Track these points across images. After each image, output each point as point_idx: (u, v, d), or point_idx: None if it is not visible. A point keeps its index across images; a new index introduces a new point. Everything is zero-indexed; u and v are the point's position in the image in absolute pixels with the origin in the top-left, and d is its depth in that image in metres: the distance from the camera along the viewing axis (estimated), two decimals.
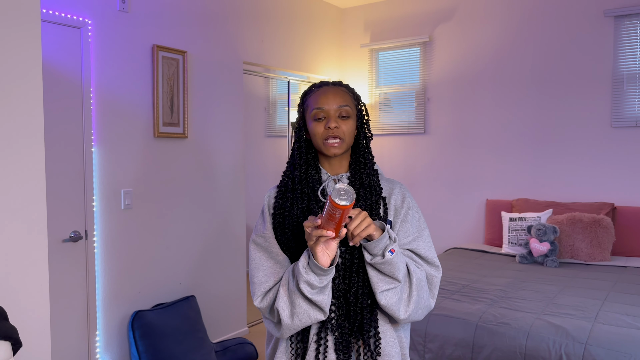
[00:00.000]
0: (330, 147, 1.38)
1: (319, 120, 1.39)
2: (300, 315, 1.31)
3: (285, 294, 1.32)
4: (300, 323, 1.32)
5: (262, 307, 1.38)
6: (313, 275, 1.27)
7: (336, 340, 1.35)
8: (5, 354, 1.55)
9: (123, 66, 3.26)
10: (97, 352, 3.18)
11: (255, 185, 6.12)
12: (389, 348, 1.39)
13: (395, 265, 1.30)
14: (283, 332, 1.35)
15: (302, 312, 1.30)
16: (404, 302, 1.34)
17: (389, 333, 1.40)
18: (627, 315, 2.56)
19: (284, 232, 1.40)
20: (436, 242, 4.84)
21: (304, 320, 1.32)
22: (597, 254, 3.75)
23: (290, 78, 4.78)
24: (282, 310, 1.32)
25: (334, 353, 1.35)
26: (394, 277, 1.31)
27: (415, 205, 1.48)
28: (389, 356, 1.38)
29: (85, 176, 3.07)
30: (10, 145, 1.86)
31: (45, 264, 1.97)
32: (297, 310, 1.30)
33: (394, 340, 1.41)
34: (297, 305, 1.30)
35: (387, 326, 1.41)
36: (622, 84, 4.00)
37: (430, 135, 4.88)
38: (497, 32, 4.52)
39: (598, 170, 4.13)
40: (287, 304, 1.31)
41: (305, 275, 1.27)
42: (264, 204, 1.46)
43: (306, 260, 1.28)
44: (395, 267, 1.30)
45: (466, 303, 2.81)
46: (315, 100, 1.40)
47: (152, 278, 3.46)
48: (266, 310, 1.38)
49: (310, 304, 1.30)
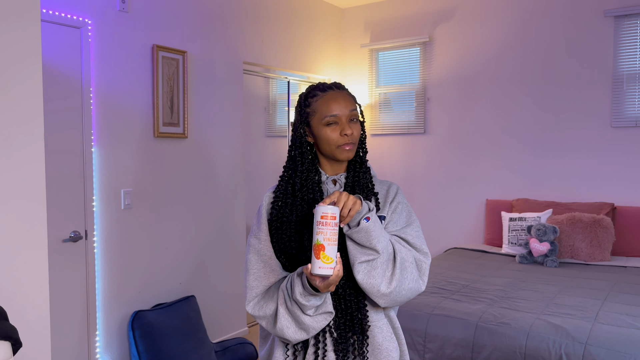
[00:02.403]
0: (345, 152, 1.39)
1: (331, 125, 1.38)
2: (308, 330, 1.33)
3: (286, 313, 1.33)
4: (309, 334, 1.34)
5: (253, 315, 1.39)
6: (313, 298, 1.29)
7: (335, 341, 1.35)
8: (5, 354, 1.55)
9: (123, 66, 3.26)
10: (97, 352, 3.18)
11: (255, 185, 6.12)
12: (387, 343, 1.39)
13: (372, 233, 1.29)
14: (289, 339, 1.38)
15: (308, 326, 1.32)
16: (386, 279, 1.32)
17: (386, 328, 1.40)
18: (627, 315, 2.56)
19: (281, 238, 1.38)
20: (436, 242, 4.84)
21: (312, 332, 1.33)
22: (597, 254, 3.75)
23: (290, 78, 4.78)
24: (286, 328, 1.33)
25: (333, 354, 1.35)
26: (372, 247, 1.29)
27: (406, 202, 1.48)
28: (387, 350, 1.38)
29: (85, 176, 3.07)
30: (10, 145, 1.86)
31: (45, 264, 1.97)
32: (304, 326, 1.32)
33: (391, 335, 1.41)
34: (302, 322, 1.32)
35: (384, 321, 1.41)
36: (622, 84, 4.00)
37: (430, 135, 4.87)
38: (497, 32, 4.52)
39: (598, 170, 4.13)
40: (291, 322, 1.33)
41: (307, 304, 1.29)
42: (262, 204, 1.45)
43: (301, 288, 1.29)
44: (371, 236, 1.29)
45: (466, 303, 2.81)
46: (326, 106, 1.38)
47: (152, 278, 3.46)
48: (260, 319, 1.39)
49: (317, 316, 1.32)
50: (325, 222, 1.21)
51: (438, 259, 3.94)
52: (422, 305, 2.82)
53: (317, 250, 1.21)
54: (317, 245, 1.21)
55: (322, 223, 1.21)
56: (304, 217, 1.38)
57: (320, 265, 1.21)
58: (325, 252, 1.21)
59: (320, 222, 1.21)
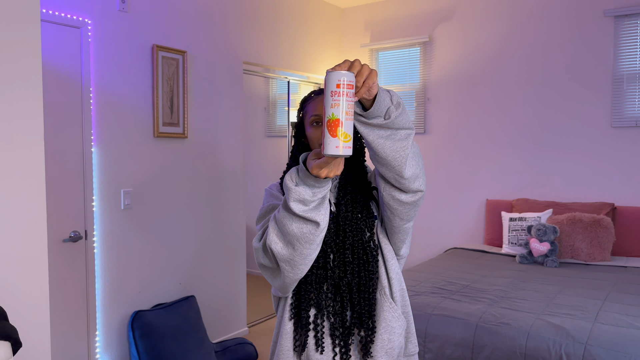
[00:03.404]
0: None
1: (316, 125, 1.41)
2: (293, 242, 1.18)
3: (275, 226, 1.22)
4: (295, 252, 1.20)
5: (257, 247, 1.29)
6: (304, 187, 1.14)
7: (332, 326, 1.35)
8: (5, 354, 1.55)
9: (123, 66, 3.26)
10: (97, 352, 3.18)
11: (255, 185, 6.12)
12: (396, 338, 1.38)
13: (404, 118, 1.14)
14: (284, 276, 1.25)
15: (295, 237, 1.17)
16: (412, 157, 1.20)
17: (395, 322, 1.39)
18: (627, 315, 2.56)
19: None
20: (436, 242, 4.84)
21: (298, 247, 1.19)
22: (597, 254, 3.75)
23: (290, 78, 4.78)
24: (274, 243, 1.20)
25: (329, 338, 1.36)
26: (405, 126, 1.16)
27: None
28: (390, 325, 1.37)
29: (85, 176, 3.07)
30: (10, 145, 1.86)
31: (45, 264, 1.97)
32: (290, 238, 1.18)
33: (401, 331, 1.40)
34: (289, 233, 1.18)
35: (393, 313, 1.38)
36: (622, 84, 4.00)
37: (430, 135, 4.88)
38: (497, 32, 4.52)
39: (598, 170, 4.13)
40: (278, 235, 1.21)
41: (295, 189, 1.13)
42: (267, 192, 1.45)
43: (295, 172, 1.16)
44: (404, 119, 1.14)
45: (466, 303, 2.81)
46: (313, 106, 1.42)
47: (151, 278, 3.46)
48: (260, 252, 1.28)
49: (304, 222, 1.16)
50: (342, 91, 1.00)
51: (438, 259, 3.94)
52: (422, 305, 2.82)
53: (333, 127, 1.00)
54: (332, 121, 1.01)
55: (338, 93, 1.00)
56: None
57: (338, 144, 1.01)
58: (342, 129, 1.01)
59: (336, 91, 1.00)
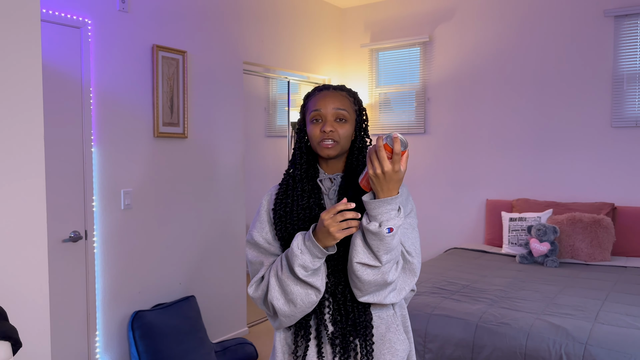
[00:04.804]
0: (324, 148, 1.39)
1: (316, 122, 1.41)
2: (295, 301, 1.32)
3: (276, 284, 1.34)
4: (296, 309, 1.33)
5: (254, 297, 1.41)
6: (308, 256, 1.28)
7: (332, 334, 1.37)
8: (5, 354, 1.55)
9: (123, 66, 3.26)
10: (97, 352, 3.18)
11: (255, 185, 6.12)
12: (391, 334, 1.41)
13: (387, 245, 1.25)
14: (281, 322, 1.38)
15: (296, 297, 1.31)
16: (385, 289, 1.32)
17: (390, 319, 1.41)
18: (627, 315, 2.56)
19: (285, 227, 1.41)
20: (436, 242, 4.84)
21: (299, 305, 1.32)
22: (597, 254, 3.75)
23: (290, 78, 4.78)
24: (276, 300, 1.33)
25: (329, 347, 1.37)
26: (378, 256, 1.27)
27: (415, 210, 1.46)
28: (390, 342, 1.39)
29: (85, 176, 3.07)
30: (10, 145, 1.86)
31: (45, 264, 1.97)
32: (292, 297, 1.32)
33: (398, 327, 1.42)
34: (290, 292, 1.31)
35: (390, 312, 1.42)
36: (622, 84, 4.00)
37: (430, 135, 4.87)
38: (497, 32, 4.52)
39: (598, 170, 4.13)
40: (280, 293, 1.33)
41: (300, 256, 1.28)
42: (262, 202, 1.49)
43: (302, 240, 1.29)
44: (384, 247, 1.25)
45: (466, 303, 2.81)
46: (314, 103, 1.42)
47: (151, 278, 3.46)
48: (259, 301, 1.40)
49: (305, 286, 1.31)
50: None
51: (438, 259, 3.94)
52: (422, 305, 2.82)
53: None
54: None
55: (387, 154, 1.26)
56: (304, 207, 1.42)
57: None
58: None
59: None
